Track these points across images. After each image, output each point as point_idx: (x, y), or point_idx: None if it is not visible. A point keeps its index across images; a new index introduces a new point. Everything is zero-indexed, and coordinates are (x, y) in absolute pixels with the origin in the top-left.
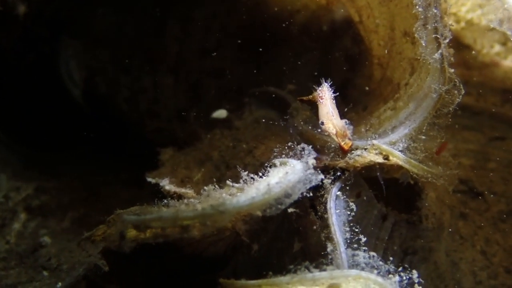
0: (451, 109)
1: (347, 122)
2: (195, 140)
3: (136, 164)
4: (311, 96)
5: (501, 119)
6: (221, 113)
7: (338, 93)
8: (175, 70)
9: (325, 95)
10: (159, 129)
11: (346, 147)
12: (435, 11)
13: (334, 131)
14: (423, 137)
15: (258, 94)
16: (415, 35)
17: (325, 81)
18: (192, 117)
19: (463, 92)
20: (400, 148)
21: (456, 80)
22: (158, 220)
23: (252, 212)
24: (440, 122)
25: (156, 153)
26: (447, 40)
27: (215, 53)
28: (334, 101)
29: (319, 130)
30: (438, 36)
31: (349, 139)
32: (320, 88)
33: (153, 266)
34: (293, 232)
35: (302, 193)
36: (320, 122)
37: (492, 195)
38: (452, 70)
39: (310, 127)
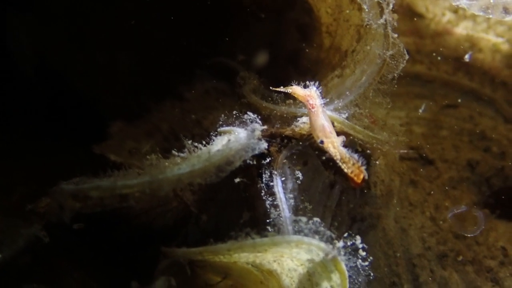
0: (395, 74)
1: (344, 140)
2: (145, 112)
3: (85, 137)
4: (290, 90)
5: (453, 87)
6: None
7: (325, 101)
8: (130, 45)
9: (316, 102)
10: (113, 105)
11: (358, 179)
12: None
13: (338, 157)
14: (369, 103)
15: (209, 65)
16: (359, 0)
17: (314, 85)
18: (146, 91)
19: (407, 57)
20: (346, 115)
21: (400, 45)
22: (96, 189)
23: (193, 180)
24: (385, 88)
25: (105, 125)
26: (390, 6)
27: (166, 26)
28: (324, 108)
29: (268, 99)
30: (381, 1)
31: (359, 165)
32: (308, 93)
33: (102, 239)
34: (241, 202)
35: (245, 161)
36: (319, 141)
37: (443, 162)
38: (396, 35)
39: (257, 96)
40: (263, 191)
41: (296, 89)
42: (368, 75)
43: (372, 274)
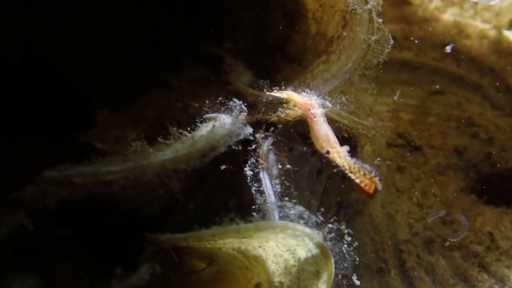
0: (381, 60)
1: (349, 149)
2: (132, 100)
3: (71, 126)
4: (285, 95)
5: (440, 73)
6: None
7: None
8: (116, 32)
9: (318, 111)
10: (100, 93)
11: (369, 190)
12: None
13: (346, 167)
14: (354, 89)
15: (196, 53)
16: None
17: (313, 93)
18: (132, 80)
19: (392, 42)
20: (331, 101)
21: (384, 30)
22: (80, 176)
23: (177, 166)
24: (371, 73)
25: (91, 114)
26: None
27: (153, 14)
28: (324, 116)
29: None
30: None
31: (371, 176)
32: (308, 102)
33: (89, 227)
34: (228, 189)
35: (230, 147)
36: (324, 151)
37: (430, 149)
38: (380, 20)
39: (243, 83)
40: (249, 177)
41: (293, 96)
42: (353, 61)
43: (358, 259)
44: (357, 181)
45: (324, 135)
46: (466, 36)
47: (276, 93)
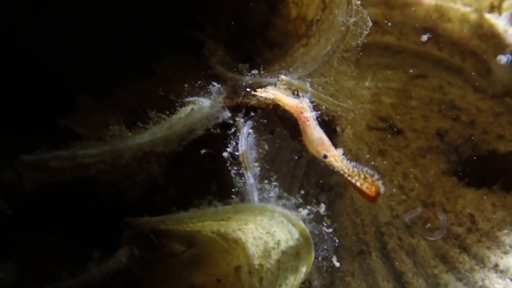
0: (359, 42)
1: (344, 152)
2: (112, 86)
3: (51, 112)
4: (272, 95)
5: (422, 57)
6: None
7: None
8: (97, 18)
9: (310, 115)
10: (80, 79)
11: (371, 192)
12: None
13: (345, 170)
14: (334, 72)
15: (177, 38)
16: None
17: (304, 96)
18: (113, 66)
19: (370, 24)
20: (310, 83)
21: (363, 12)
22: (56, 159)
23: (155, 148)
24: (350, 56)
25: (72, 100)
26: None
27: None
28: (316, 119)
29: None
30: None
31: (372, 179)
32: (300, 105)
33: (69, 213)
34: (209, 173)
35: (209, 130)
36: (321, 156)
37: (412, 132)
38: (359, 2)
39: (223, 67)
40: (228, 161)
41: (283, 98)
42: (332, 43)
43: (338, 241)
44: (358, 184)
45: (318, 138)
46: (448, 19)
47: (264, 93)
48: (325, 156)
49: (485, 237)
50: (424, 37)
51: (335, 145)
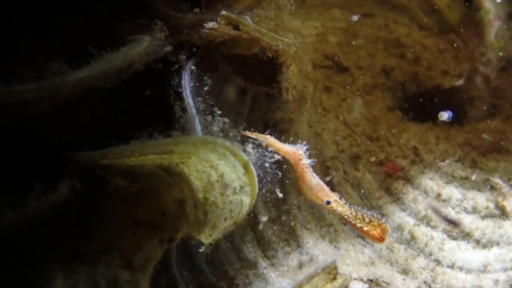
0: None
1: (339, 197)
2: (56, 28)
3: None
4: (263, 139)
5: None
6: None
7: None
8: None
9: (308, 162)
10: (23, 22)
11: (378, 235)
12: None
13: (349, 215)
14: (274, 5)
15: None
16: None
17: (301, 144)
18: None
19: None
20: (250, 16)
21: None
22: None
23: (94, 83)
24: None
25: (14, 43)
26: None
27: None
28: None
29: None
30: None
31: (378, 222)
32: (298, 152)
33: (13, 155)
34: (155, 113)
35: (149, 65)
36: (324, 202)
37: (358, 69)
38: None
39: (166, 7)
40: (172, 96)
41: (278, 145)
42: None
43: (280, 174)
44: (364, 229)
45: (318, 184)
46: None
47: (255, 136)
48: (328, 203)
49: (428, 168)
50: (355, 17)
51: (280, 82)
